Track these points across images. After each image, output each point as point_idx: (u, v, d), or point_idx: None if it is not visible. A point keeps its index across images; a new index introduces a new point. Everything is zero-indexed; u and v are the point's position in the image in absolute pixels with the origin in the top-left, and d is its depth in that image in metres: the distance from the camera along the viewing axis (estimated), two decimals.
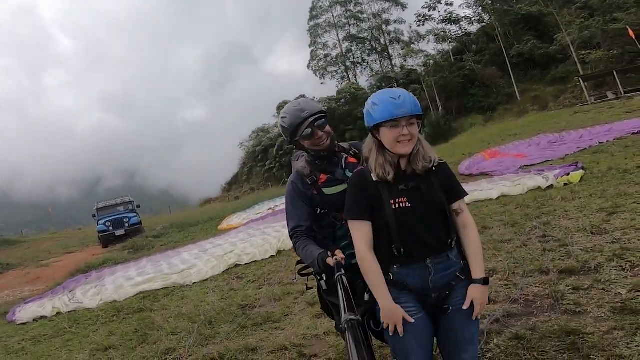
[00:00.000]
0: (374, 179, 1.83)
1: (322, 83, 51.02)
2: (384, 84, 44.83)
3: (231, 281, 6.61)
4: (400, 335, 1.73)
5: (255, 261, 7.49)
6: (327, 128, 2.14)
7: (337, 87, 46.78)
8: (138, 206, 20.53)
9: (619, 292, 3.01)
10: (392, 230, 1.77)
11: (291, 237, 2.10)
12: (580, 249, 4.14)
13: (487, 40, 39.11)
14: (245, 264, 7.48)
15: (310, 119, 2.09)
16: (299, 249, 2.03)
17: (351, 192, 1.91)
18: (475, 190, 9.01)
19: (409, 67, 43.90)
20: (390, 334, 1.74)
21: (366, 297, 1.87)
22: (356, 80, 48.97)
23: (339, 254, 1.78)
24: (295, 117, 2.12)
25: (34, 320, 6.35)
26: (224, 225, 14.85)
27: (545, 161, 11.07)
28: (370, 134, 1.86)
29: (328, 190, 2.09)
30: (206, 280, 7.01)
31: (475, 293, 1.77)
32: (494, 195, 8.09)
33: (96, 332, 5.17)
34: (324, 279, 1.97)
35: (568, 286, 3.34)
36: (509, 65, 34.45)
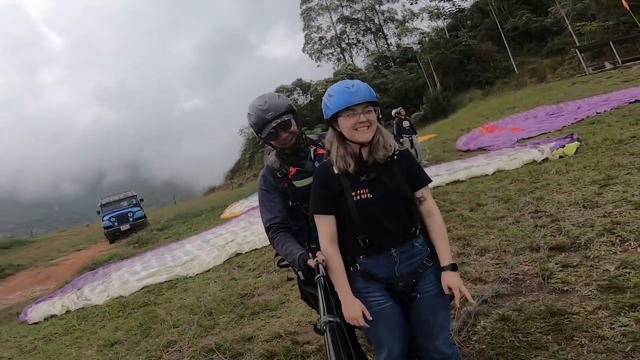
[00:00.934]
0: (336, 172, 1.84)
1: (318, 66, 50.63)
2: (380, 64, 44.38)
3: (232, 270, 6.71)
4: (366, 327, 1.77)
5: (256, 249, 7.57)
6: (293, 127, 2.14)
7: (334, 69, 46.38)
8: (141, 200, 20.64)
9: (607, 269, 3.04)
10: (354, 221, 1.79)
11: (267, 231, 2.10)
12: (572, 224, 4.16)
13: (481, 15, 38.51)
14: (246, 252, 7.57)
15: (274, 123, 2.10)
16: (278, 246, 2.03)
17: (314, 186, 1.94)
18: (472, 166, 9.03)
19: (405, 46, 43.39)
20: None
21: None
22: (352, 61, 48.48)
23: (320, 256, 1.78)
24: (260, 117, 2.12)
25: (45, 319, 6.51)
26: (227, 213, 14.93)
27: (542, 133, 11.02)
28: (330, 126, 1.88)
29: (298, 183, 2.12)
30: (208, 270, 7.12)
31: (448, 280, 1.79)
32: (490, 171, 8.09)
33: (103, 328, 5.30)
34: (302, 269, 2.00)
35: (557, 264, 3.37)
36: (504, 40, 34.01)
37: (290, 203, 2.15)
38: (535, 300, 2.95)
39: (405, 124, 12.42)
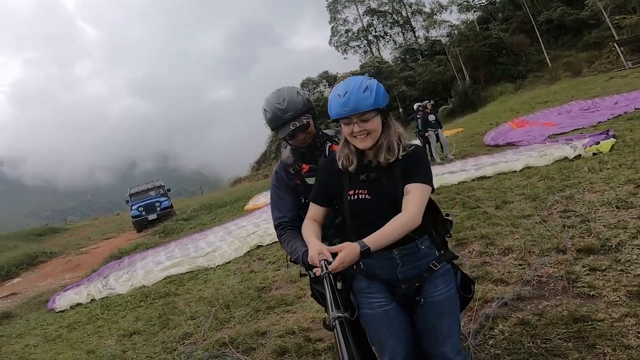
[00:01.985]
0: (340, 167, 1.79)
1: (345, 58, 50.17)
2: (408, 56, 43.67)
3: (252, 263, 6.74)
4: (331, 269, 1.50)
5: (276, 241, 7.58)
6: (310, 128, 2.05)
7: (361, 61, 45.91)
8: (169, 190, 21.04)
9: (639, 274, 2.86)
10: (346, 221, 1.75)
11: (275, 228, 2.08)
12: (603, 225, 3.95)
13: (513, 8, 37.29)
14: (267, 245, 7.58)
15: (292, 125, 2.00)
16: (284, 243, 2.01)
17: (318, 176, 1.91)
18: (500, 162, 8.75)
19: (433, 38, 42.51)
20: (318, 264, 1.52)
21: (339, 285, 1.83)
22: (379, 53, 47.88)
23: (323, 253, 1.64)
24: (277, 116, 2.03)
25: (70, 307, 6.69)
26: (250, 205, 15.00)
27: (575, 129, 10.57)
28: None
29: (311, 180, 2.05)
30: (229, 262, 7.17)
31: (344, 247, 1.53)
32: (518, 167, 7.81)
33: (124, 318, 5.42)
34: (305, 267, 1.96)
35: (585, 267, 3.20)
36: (537, 33, 32.81)
37: (303, 200, 2.09)
38: (558, 304, 2.80)
39: (431, 117, 12.21)
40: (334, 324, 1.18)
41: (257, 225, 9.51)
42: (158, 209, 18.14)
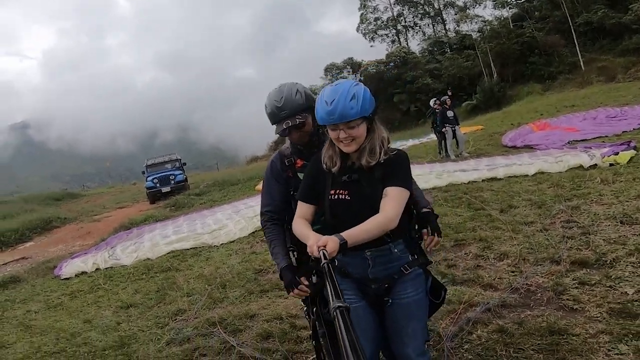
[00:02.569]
0: (323, 168, 1.84)
1: (371, 46, 49.37)
2: (435, 49, 42.79)
3: (255, 244, 6.83)
4: (329, 257, 1.50)
5: None
6: (307, 127, 2.07)
7: (387, 50, 45.15)
8: (184, 164, 21.28)
9: (626, 292, 2.85)
10: (327, 219, 1.80)
11: (261, 216, 2.20)
12: (603, 239, 3.90)
13: (551, 7, 35.86)
14: None
15: (285, 124, 2.03)
16: (267, 238, 2.14)
17: (306, 173, 1.96)
18: (514, 164, 8.64)
19: (464, 32, 41.48)
20: (318, 254, 1.50)
21: (314, 279, 1.95)
22: (407, 44, 46.98)
23: (321, 242, 1.57)
24: (274, 113, 2.07)
25: (75, 275, 6.89)
26: (261, 185, 15.15)
27: (597, 137, 10.30)
28: None
29: (302, 176, 2.09)
30: (233, 241, 7.28)
31: (329, 239, 1.54)
32: (531, 172, 7.70)
33: (124, 290, 5.58)
34: (295, 256, 2.09)
35: (575, 279, 3.19)
36: (574, 34, 31.60)
37: (292, 192, 2.15)
38: (539, 315, 2.82)
39: (450, 114, 12.06)
40: (334, 313, 1.19)
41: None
42: (172, 182, 18.37)
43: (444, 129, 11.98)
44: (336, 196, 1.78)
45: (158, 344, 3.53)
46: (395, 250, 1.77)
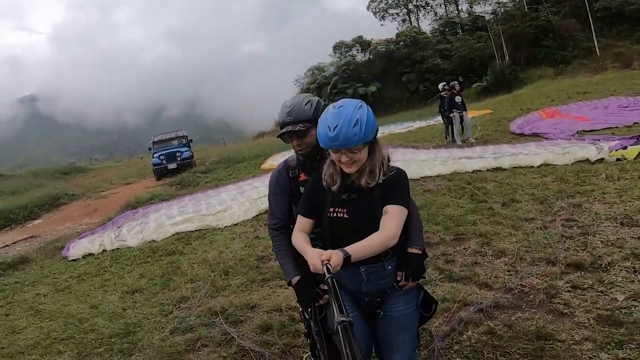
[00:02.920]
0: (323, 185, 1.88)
1: (381, 25, 48.43)
2: (447, 29, 41.88)
3: (258, 228, 6.91)
4: (333, 271, 1.53)
5: None
6: (308, 139, 2.09)
7: (398, 29, 44.31)
8: (190, 140, 21.34)
9: (616, 298, 2.91)
10: (326, 236, 1.85)
11: (269, 227, 2.24)
12: (601, 241, 3.94)
13: None
14: None
15: (285, 129, 2.08)
16: (275, 249, 2.20)
17: (307, 187, 1.99)
18: (520, 154, 8.60)
19: (477, 14, 40.51)
20: (322, 270, 1.54)
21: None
22: (418, 24, 46.05)
23: (325, 256, 1.59)
24: (281, 116, 2.13)
25: (82, 257, 7.01)
26: (267, 164, 15.10)
27: (607, 127, 10.18)
28: None
29: None
30: (237, 224, 7.36)
31: (333, 253, 1.58)
32: (537, 162, 7.67)
33: (130, 273, 5.71)
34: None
35: (568, 282, 3.25)
36: (590, 19, 30.69)
37: (294, 207, 2.19)
38: (530, 318, 2.89)
39: (458, 99, 11.94)
40: (338, 328, 1.20)
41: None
42: (178, 158, 18.44)
43: (451, 114, 11.90)
44: (335, 214, 1.82)
45: (162, 333, 3.65)
46: (389, 267, 1.84)
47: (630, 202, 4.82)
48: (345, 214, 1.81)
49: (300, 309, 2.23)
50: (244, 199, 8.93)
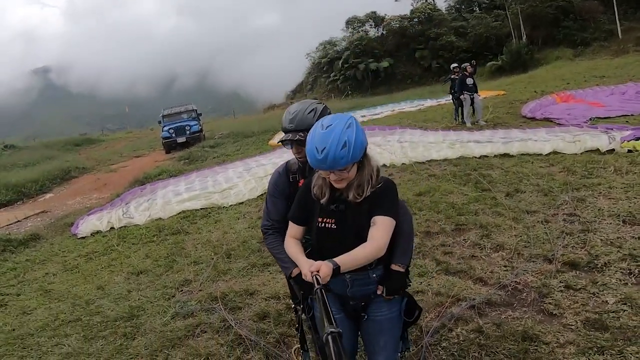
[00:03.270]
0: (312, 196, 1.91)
1: (396, 0, 47.25)
2: (463, 6, 40.73)
3: (263, 207, 7.00)
4: (322, 282, 1.56)
5: None
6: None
7: (412, 5, 43.14)
8: (200, 114, 21.38)
9: (606, 301, 2.93)
10: (314, 245, 1.92)
11: (262, 227, 2.27)
12: (600, 239, 3.93)
13: None
14: None
15: (285, 137, 2.12)
16: (270, 247, 2.20)
17: (298, 194, 2.03)
18: (530, 139, 8.50)
19: None
20: (312, 280, 1.57)
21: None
22: (433, 0, 44.79)
23: (314, 267, 1.63)
24: (284, 122, 2.15)
25: (91, 234, 7.14)
26: (275, 140, 15.04)
27: (623, 115, 9.98)
28: None
29: None
30: (242, 203, 7.43)
31: (322, 264, 1.62)
32: (546, 150, 7.59)
33: (136, 253, 5.83)
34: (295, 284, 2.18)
35: (561, 282, 3.28)
36: (614, 1, 29.50)
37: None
38: (519, 317, 2.94)
39: (469, 81, 11.72)
40: (327, 339, 1.23)
41: (276, 165, 9.67)
42: (188, 132, 18.53)
43: (461, 96, 11.72)
44: (323, 224, 1.87)
45: (164, 317, 3.77)
46: (374, 275, 1.90)
47: (635, 198, 4.78)
48: (333, 225, 1.85)
49: (293, 304, 2.31)
50: (250, 177, 8.97)
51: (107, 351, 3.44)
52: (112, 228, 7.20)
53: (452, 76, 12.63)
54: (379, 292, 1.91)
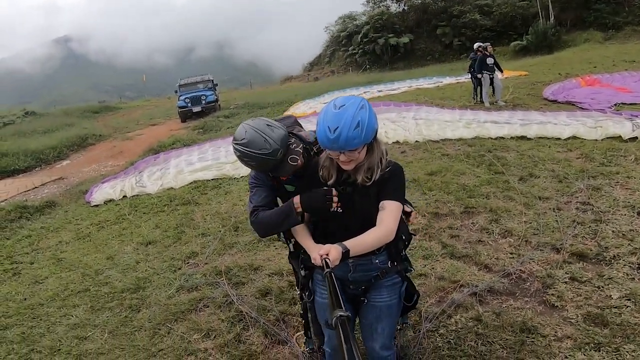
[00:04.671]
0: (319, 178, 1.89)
1: None
2: None
3: None
4: (332, 266, 1.55)
5: None
6: (298, 165, 1.96)
7: None
8: (216, 85, 21.40)
9: (610, 295, 2.87)
10: (319, 227, 1.91)
11: (250, 218, 2.03)
12: (612, 231, 3.83)
13: None
14: None
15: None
16: (262, 216, 1.96)
17: (305, 178, 2.01)
18: (549, 123, 8.24)
19: None
20: (321, 264, 1.56)
21: (302, 272, 2.11)
22: None
23: (323, 250, 1.61)
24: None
25: (104, 202, 7.27)
26: (290, 112, 14.93)
27: None
28: None
29: (290, 187, 2.11)
30: None
31: (332, 247, 1.61)
32: (565, 135, 7.36)
33: (147, 222, 5.91)
34: (292, 242, 2.20)
35: (567, 273, 3.22)
36: None
37: (280, 200, 2.17)
38: (520, 307, 2.91)
39: (490, 60, 11.41)
40: (336, 322, 1.22)
41: None
42: (203, 102, 18.67)
43: (481, 76, 11.42)
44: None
45: (169, 290, 3.84)
46: (377, 261, 1.89)
47: None
48: (339, 208, 1.83)
49: (298, 291, 2.32)
50: None
51: (112, 323, 3.52)
52: (124, 197, 7.30)
53: (475, 55, 12.25)
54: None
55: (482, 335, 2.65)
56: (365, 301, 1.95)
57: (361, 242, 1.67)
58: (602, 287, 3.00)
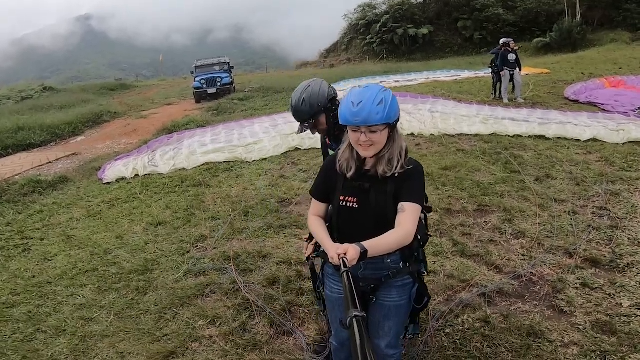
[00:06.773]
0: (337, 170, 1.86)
1: None
2: None
3: (285, 166, 6.96)
4: (349, 265, 1.52)
5: (314, 148, 7.52)
6: (320, 126, 2.36)
7: None
8: (232, 67, 21.33)
9: (621, 303, 2.82)
10: (333, 223, 1.88)
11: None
12: (628, 238, 3.77)
13: None
14: (305, 149, 7.69)
15: (299, 124, 2.37)
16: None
17: (321, 170, 2.00)
18: (569, 123, 8.08)
19: None
20: (339, 263, 1.52)
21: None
22: None
23: (341, 250, 1.58)
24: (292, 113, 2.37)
25: (116, 180, 7.25)
26: None
27: None
28: None
29: (331, 152, 2.33)
30: (265, 159, 7.42)
31: (349, 247, 1.58)
32: (585, 136, 7.23)
33: (157, 203, 5.89)
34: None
35: (579, 279, 3.17)
36: None
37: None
38: (528, 311, 2.87)
39: (511, 57, 11.19)
40: (351, 322, 1.21)
41: None
42: (219, 84, 18.64)
43: (502, 72, 11.21)
44: (345, 203, 1.83)
45: (177, 274, 3.83)
46: (389, 260, 1.86)
47: None
48: (354, 204, 1.81)
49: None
50: (276, 134, 8.90)
51: (118, 305, 3.50)
52: (136, 175, 7.30)
53: (500, 50, 11.98)
54: None
55: (489, 337, 2.62)
56: (374, 300, 1.93)
57: (380, 244, 1.65)
58: (613, 294, 2.95)
